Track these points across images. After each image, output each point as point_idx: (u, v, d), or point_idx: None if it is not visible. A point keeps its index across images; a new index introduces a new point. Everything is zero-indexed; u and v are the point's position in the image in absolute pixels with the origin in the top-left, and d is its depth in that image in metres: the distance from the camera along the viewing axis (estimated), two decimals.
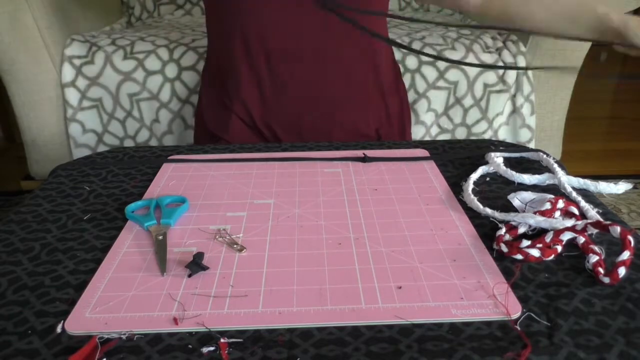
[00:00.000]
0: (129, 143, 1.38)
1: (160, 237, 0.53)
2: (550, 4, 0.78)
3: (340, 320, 0.42)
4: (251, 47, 0.86)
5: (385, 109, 0.95)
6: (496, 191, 0.63)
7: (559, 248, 0.50)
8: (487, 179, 0.66)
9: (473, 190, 0.62)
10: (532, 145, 1.41)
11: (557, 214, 0.55)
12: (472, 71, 1.33)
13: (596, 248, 0.49)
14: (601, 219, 0.55)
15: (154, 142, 1.38)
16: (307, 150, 0.75)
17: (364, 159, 0.71)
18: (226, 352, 0.39)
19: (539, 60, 1.38)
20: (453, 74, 1.33)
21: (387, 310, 0.43)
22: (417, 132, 1.38)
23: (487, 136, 1.40)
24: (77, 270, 0.49)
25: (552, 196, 0.58)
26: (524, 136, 1.40)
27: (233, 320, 0.42)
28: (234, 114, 0.90)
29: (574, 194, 0.60)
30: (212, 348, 0.39)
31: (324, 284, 0.46)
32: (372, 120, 0.93)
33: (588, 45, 1.37)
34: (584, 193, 0.61)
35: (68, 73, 1.30)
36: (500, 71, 1.34)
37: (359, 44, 0.87)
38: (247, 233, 0.55)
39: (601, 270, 0.46)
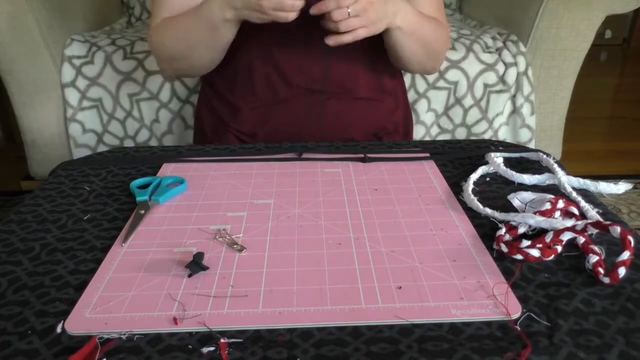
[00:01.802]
0: (129, 143, 1.38)
1: (142, 212, 0.57)
2: None
3: (340, 320, 0.42)
4: (254, 69, 0.87)
5: (386, 110, 0.95)
6: (496, 191, 0.63)
7: (559, 248, 0.50)
8: (487, 179, 0.66)
9: (473, 190, 0.62)
10: (532, 145, 1.41)
11: (557, 214, 0.55)
12: (472, 71, 1.33)
13: (596, 248, 0.49)
14: (601, 219, 0.55)
15: (154, 142, 1.38)
16: (307, 150, 0.75)
17: (364, 159, 0.71)
18: (226, 352, 0.39)
19: (539, 61, 1.38)
20: (453, 74, 1.33)
21: (387, 310, 0.43)
22: (417, 132, 1.39)
23: (487, 136, 1.40)
24: (77, 270, 0.49)
25: (552, 196, 0.58)
26: (524, 136, 1.40)
27: (233, 320, 0.42)
28: (231, 133, 0.91)
29: (574, 194, 0.60)
30: (212, 348, 0.39)
31: (324, 284, 0.46)
32: (373, 122, 0.93)
33: (588, 45, 1.37)
34: (584, 193, 0.61)
35: (68, 73, 1.30)
36: (501, 71, 1.34)
37: (359, 45, 0.87)
38: (247, 233, 0.55)
39: (601, 270, 0.46)
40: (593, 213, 0.56)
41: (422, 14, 0.85)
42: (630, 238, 0.46)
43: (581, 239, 0.50)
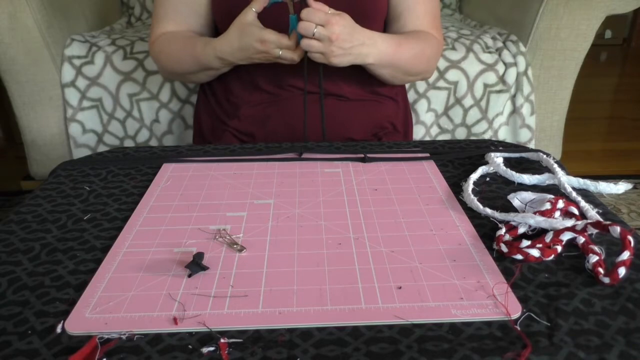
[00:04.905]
0: (129, 143, 1.38)
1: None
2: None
3: (340, 320, 0.42)
4: (253, 70, 0.87)
5: (385, 111, 0.95)
6: (496, 191, 0.63)
7: (559, 248, 0.50)
8: (487, 179, 0.66)
9: (473, 190, 0.62)
10: (532, 145, 1.41)
11: (557, 214, 0.55)
12: (472, 71, 1.33)
13: (596, 248, 0.49)
14: (601, 219, 0.55)
15: (154, 142, 1.38)
16: (307, 150, 0.75)
17: (364, 159, 0.71)
18: (226, 352, 0.39)
19: (539, 61, 1.38)
20: (453, 74, 1.33)
21: (387, 311, 0.43)
22: (417, 132, 1.38)
23: (487, 136, 1.40)
24: (77, 270, 0.49)
25: (552, 196, 0.58)
26: (524, 136, 1.40)
27: (233, 320, 0.42)
28: (229, 132, 0.92)
29: (574, 194, 0.60)
30: (212, 348, 0.39)
31: (324, 284, 0.46)
32: (372, 122, 0.93)
33: (588, 45, 1.37)
34: (584, 193, 0.61)
35: (68, 73, 1.30)
36: (501, 71, 1.34)
37: None
38: (247, 233, 0.55)
39: (601, 270, 0.46)
40: (593, 213, 0.56)
41: (402, 42, 0.84)
42: (630, 238, 0.46)
43: (581, 239, 0.50)
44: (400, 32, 0.90)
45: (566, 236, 0.50)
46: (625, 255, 0.45)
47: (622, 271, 0.45)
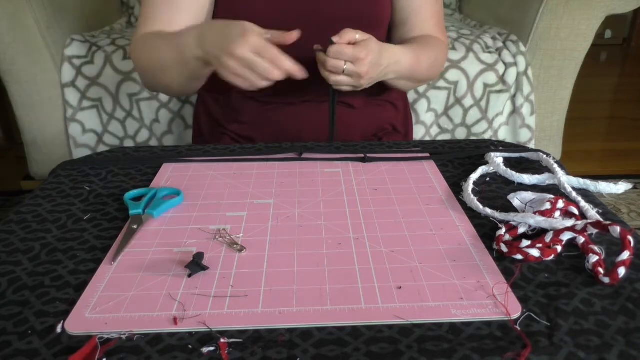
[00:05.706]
0: (129, 143, 1.38)
1: (135, 227, 0.55)
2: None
3: (340, 320, 0.42)
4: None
5: (385, 115, 0.95)
6: (496, 191, 0.63)
7: (559, 248, 0.50)
8: (487, 179, 0.66)
9: (473, 190, 0.62)
10: (532, 145, 1.41)
11: (557, 214, 0.55)
12: (472, 71, 1.33)
13: (596, 248, 0.49)
14: (601, 219, 0.55)
15: (154, 142, 1.38)
16: (307, 150, 0.75)
17: (364, 159, 0.71)
18: (226, 352, 0.39)
19: (539, 61, 1.38)
20: (453, 74, 1.33)
21: (387, 311, 0.43)
22: (417, 132, 1.38)
23: (487, 136, 1.40)
24: (77, 270, 0.49)
25: (552, 196, 0.58)
26: (524, 136, 1.40)
27: (233, 320, 0.42)
28: (227, 135, 0.92)
29: (574, 194, 0.60)
30: (212, 348, 0.39)
31: (324, 284, 0.46)
32: (372, 126, 0.93)
33: (588, 45, 1.37)
34: (584, 193, 0.61)
35: (68, 73, 1.30)
36: (501, 71, 1.34)
37: None
38: (247, 233, 0.55)
39: (601, 270, 0.46)
40: (593, 213, 0.56)
41: (419, 54, 0.83)
42: (630, 238, 0.46)
43: (581, 239, 0.50)
44: (406, 36, 0.90)
45: (566, 236, 0.50)
46: (625, 255, 0.45)
47: (622, 271, 0.45)
